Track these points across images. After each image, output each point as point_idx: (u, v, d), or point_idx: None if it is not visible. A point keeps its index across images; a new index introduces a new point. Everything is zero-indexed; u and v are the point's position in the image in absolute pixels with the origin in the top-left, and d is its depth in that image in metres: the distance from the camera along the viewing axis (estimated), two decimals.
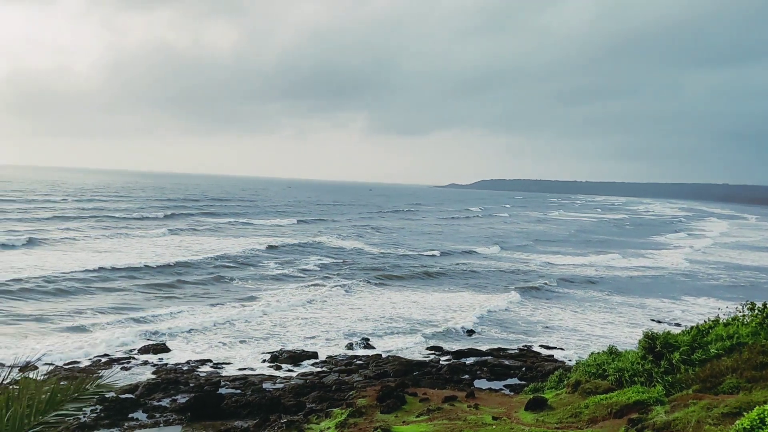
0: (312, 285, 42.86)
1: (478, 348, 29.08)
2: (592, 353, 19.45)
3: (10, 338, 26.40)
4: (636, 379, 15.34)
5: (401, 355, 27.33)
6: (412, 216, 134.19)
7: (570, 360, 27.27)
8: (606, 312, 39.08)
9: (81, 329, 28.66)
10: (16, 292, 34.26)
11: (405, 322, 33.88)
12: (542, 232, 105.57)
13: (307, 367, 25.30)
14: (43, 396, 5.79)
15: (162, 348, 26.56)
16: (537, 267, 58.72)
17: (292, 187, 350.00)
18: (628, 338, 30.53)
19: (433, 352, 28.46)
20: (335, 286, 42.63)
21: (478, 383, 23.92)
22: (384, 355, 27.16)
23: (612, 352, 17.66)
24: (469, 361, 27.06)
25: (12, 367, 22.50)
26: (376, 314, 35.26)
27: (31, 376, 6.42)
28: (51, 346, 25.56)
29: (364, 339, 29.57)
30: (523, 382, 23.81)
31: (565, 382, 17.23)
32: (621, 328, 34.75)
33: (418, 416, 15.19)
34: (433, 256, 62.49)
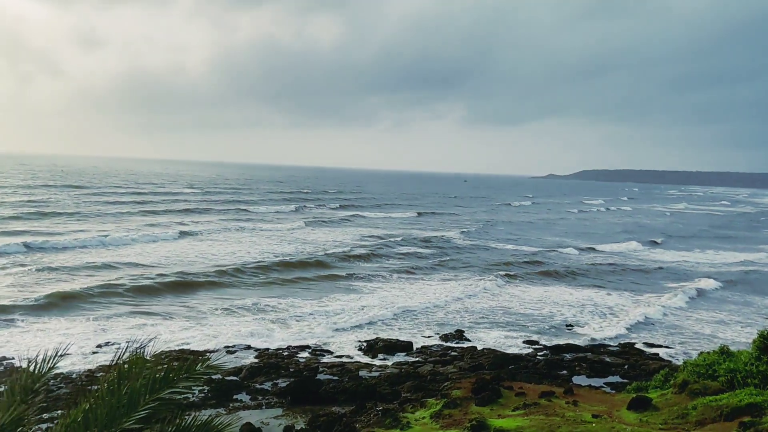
0: (423, 277, 42.98)
1: (577, 344, 28.28)
2: (701, 353, 18.49)
3: (141, 320, 28.62)
4: (749, 380, 14.45)
5: (497, 349, 27.05)
6: (530, 209, 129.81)
7: (676, 359, 26.01)
8: (715, 311, 36.89)
9: (196, 312, 30.59)
10: (158, 281, 36.40)
11: (514, 317, 33.49)
12: (674, 227, 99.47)
13: (401, 356, 25.54)
14: (158, 375, 6.21)
15: (266, 333, 27.73)
16: (676, 265, 55.00)
17: (390, 178, 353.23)
18: (745, 338, 28.78)
19: (529, 346, 27.96)
20: (457, 279, 42.56)
21: (576, 380, 23.27)
22: (479, 347, 26.96)
23: (723, 351, 16.70)
24: (568, 356, 26.38)
25: (127, 347, 24.17)
26: (482, 308, 34.88)
27: (144, 356, 6.87)
28: (169, 330, 27.39)
29: (458, 331, 29.49)
30: (625, 381, 22.94)
31: (672, 381, 16.47)
32: (733, 327, 32.79)
33: (513, 410, 14.99)
34: (561, 253, 59.02)
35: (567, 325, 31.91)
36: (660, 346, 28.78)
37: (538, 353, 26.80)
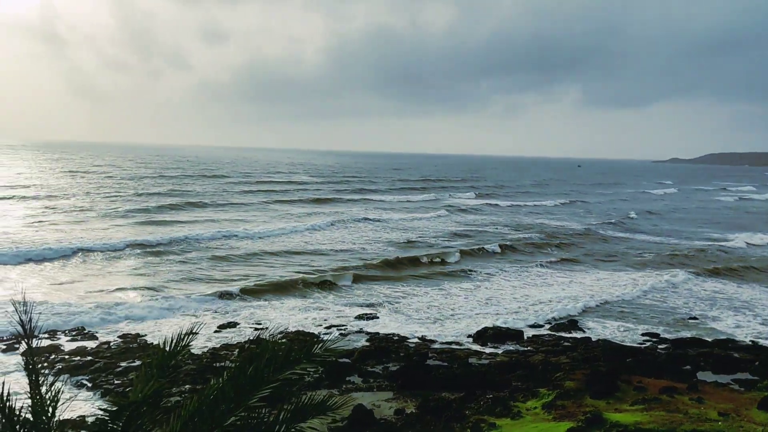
0: (558, 270, 41.50)
1: (702, 338, 26.68)
2: None
3: (263, 303, 30.11)
4: None
5: (613, 341, 26.08)
6: (673, 198, 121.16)
7: None
8: None
9: (313, 295, 32.10)
10: (295, 269, 37.94)
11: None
12: None
13: (511, 345, 25.21)
14: (280, 356, 6.54)
15: (373, 316, 28.36)
16: None
17: (503, 164, 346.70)
18: None
19: (648, 338, 26.72)
20: (588, 271, 41.06)
21: (701, 375, 21.97)
22: (594, 339, 26.11)
23: None
24: (691, 351, 24.94)
25: (259, 330, 25.44)
26: (605, 299, 33.50)
27: (266, 337, 7.24)
28: (288, 313, 28.71)
29: (571, 321, 28.69)
30: (755, 378, 21.40)
31: None
32: None
33: (632, 405, 14.45)
34: (723, 245, 54.07)
35: (690, 318, 30.23)
36: None
37: (659, 346, 25.56)
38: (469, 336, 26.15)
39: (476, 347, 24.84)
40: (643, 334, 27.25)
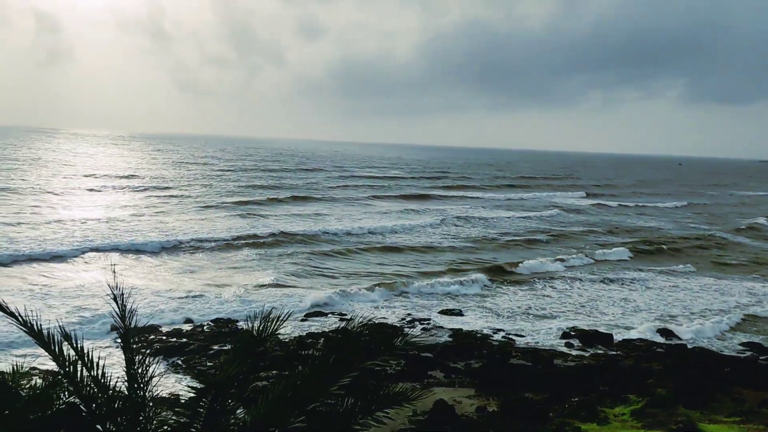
0: (672, 278, 38.78)
1: None
2: None
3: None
4: None
5: (710, 349, 24.77)
6: None
7: None
8: None
9: (400, 290, 32.24)
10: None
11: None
12: None
13: (600, 348, 24.44)
14: (361, 346, 6.68)
15: (458, 312, 28.25)
16: None
17: (599, 162, 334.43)
18: None
19: (748, 348, 25.19)
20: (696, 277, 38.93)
21: None
22: (689, 346, 24.89)
23: None
24: None
25: (344, 321, 26.05)
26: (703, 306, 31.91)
27: (350, 328, 7.38)
28: (371, 306, 29.22)
29: (666, 327, 27.46)
30: None
31: None
32: None
33: (728, 416, 13.71)
34: None
35: None
36: None
37: (760, 357, 24.06)
38: (556, 337, 25.58)
39: (562, 348, 24.26)
40: (742, 344, 25.74)
